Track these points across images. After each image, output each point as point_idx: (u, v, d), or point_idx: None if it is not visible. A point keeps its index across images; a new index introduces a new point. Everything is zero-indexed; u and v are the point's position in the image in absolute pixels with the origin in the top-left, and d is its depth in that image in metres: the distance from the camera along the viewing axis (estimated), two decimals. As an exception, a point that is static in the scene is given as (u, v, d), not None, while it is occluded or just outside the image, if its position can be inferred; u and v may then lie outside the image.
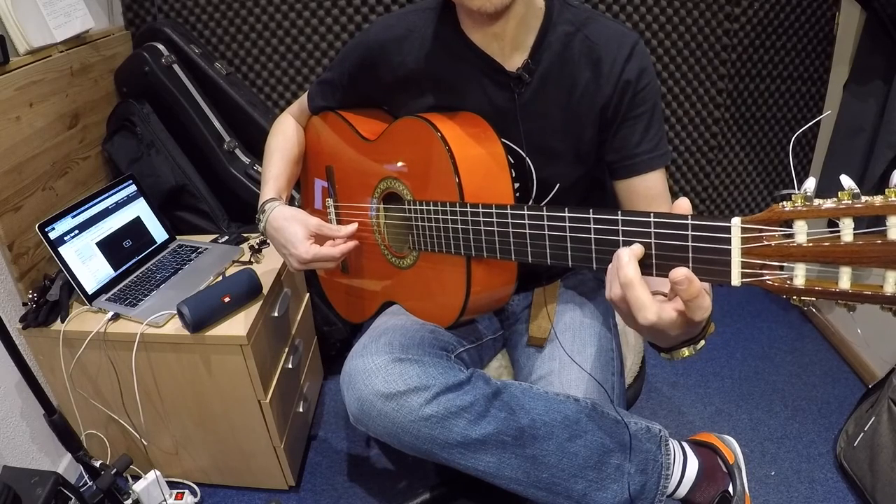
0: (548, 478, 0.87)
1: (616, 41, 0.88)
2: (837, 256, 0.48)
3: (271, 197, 1.05)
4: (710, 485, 0.95)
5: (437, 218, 0.88)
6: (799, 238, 0.50)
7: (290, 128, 1.16)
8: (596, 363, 0.97)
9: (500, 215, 0.80)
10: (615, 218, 0.65)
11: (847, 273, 0.48)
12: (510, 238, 0.80)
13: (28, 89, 1.31)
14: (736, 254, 0.54)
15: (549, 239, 0.75)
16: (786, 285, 0.52)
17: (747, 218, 0.53)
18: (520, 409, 0.87)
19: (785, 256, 0.51)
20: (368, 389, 0.87)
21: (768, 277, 0.53)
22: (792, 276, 0.51)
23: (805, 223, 0.49)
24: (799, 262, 0.50)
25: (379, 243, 1.05)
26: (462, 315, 0.93)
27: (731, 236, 0.54)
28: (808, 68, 1.83)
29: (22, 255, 1.28)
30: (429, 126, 0.89)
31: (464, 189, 0.85)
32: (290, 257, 1.00)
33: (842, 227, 0.47)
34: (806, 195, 0.50)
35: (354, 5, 1.74)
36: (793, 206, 0.50)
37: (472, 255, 0.86)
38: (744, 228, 0.53)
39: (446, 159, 0.86)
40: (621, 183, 0.95)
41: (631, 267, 0.60)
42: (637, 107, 0.90)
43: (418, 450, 0.88)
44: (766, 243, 0.52)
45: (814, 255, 0.49)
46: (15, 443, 1.29)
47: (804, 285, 0.50)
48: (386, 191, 1.01)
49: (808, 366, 1.75)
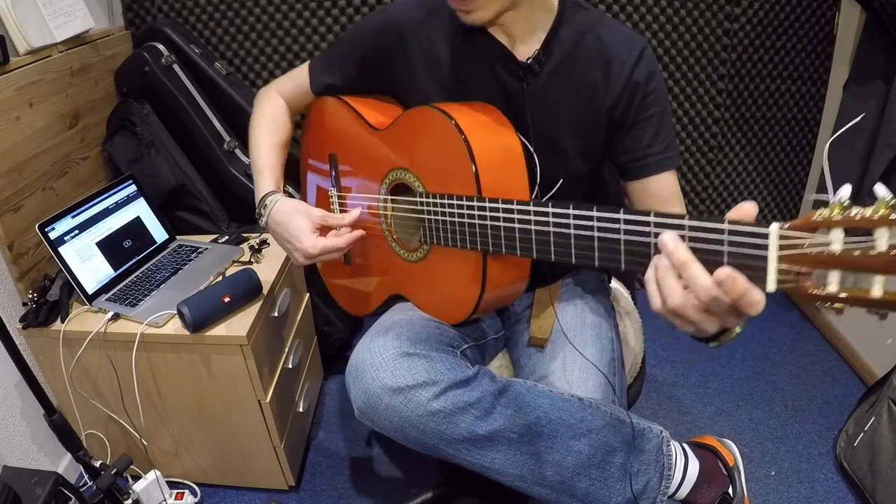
0: (552, 475, 0.87)
1: (627, 44, 0.90)
2: (871, 265, 0.49)
3: (271, 189, 1.02)
4: (711, 486, 0.95)
5: (453, 213, 0.86)
6: (834, 246, 0.51)
7: (278, 108, 1.11)
8: (597, 362, 0.97)
9: (522, 212, 0.77)
10: (647, 219, 0.64)
11: (880, 282, 0.48)
12: (532, 236, 0.77)
13: (28, 89, 1.31)
14: (773, 260, 0.55)
15: (575, 238, 0.73)
16: (820, 292, 0.52)
17: (785, 225, 0.53)
18: (526, 407, 0.87)
19: (820, 264, 0.52)
20: (376, 383, 0.86)
21: (802, 283, 0.53)
22: (826, 283, 0.52)
23: (841, 231, 0.50)
24: (833, 270, 0.51)
25: (387, 236, 1.02)
26: (475, 312, 0.91)
27: (768, 243, 0.55)
28: (808, 68, 1.84)
29: (22, 255, 1.28)
30: (444, 117, 0.86)
31: (482, 183, 0.83)
32: (295, 252, 0.98)
33: (876, 238, 0.48)
34: (843, 204, 0.50)
35: (354, 5, 1.74)
36: (830, 215, 0.51)
37: (489, 251, 0.84)
38: (782, 236, 0.54)
39: (463, 152, 0.83)
40: (634, 184, 0.95)
41: (681, 247, 0.59)
42: (647, 109, 0.91)
43: (424, 445, 0.87)
44: (803, 251, 0.53)
45: (848, 263, 0.50)
46: (15, 443, 1.28)
47: (837, 292, 0.51)
48: (395, 182, 0.98)
49: (808, 366, 1.75)
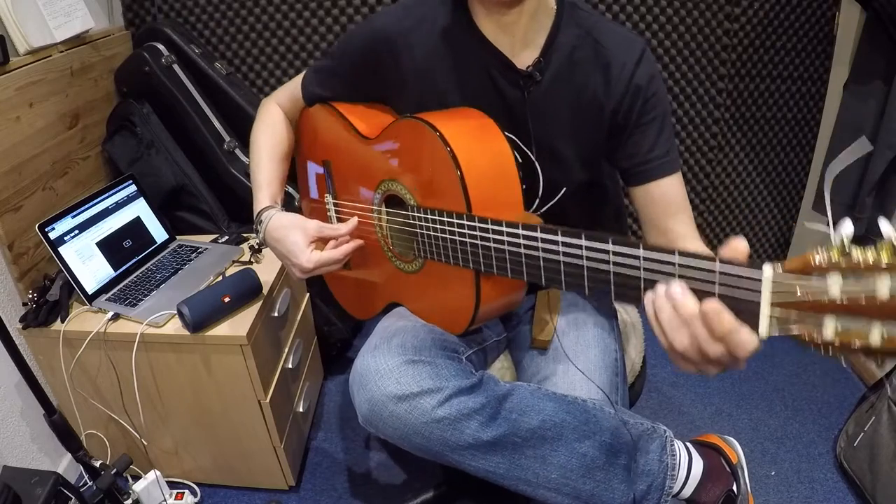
0: (557, 478, 0.86)
1: (626, 46, 0.88)
2: (872, 313, 0.46)
3: (267, 205, 1.02)
4: (715, 484, 0.95)
5: (444, 229, 0.85)
6: (833, 292, 0.47)
7: (278, 121, 1.11)
8: (599, 364, 0.96)
9: (511, 234, 0.76)
10: (636, 253, 0.63)
11: (878, 328, 0.46)
12: (522, 259, 0.76)
13: (28, 89, 1.31)
14: (766, 306, 0.52)
15: (565, 265, 0.72)
16: (815, 338, 0.49)
17: (779, 268, 0.50)
18: (530, 411, 0.87)
19: (817, 310, 0.49)
20: (380, 391, 0.85)
21: (796, 330, 0.50)
22: (822, 328, 0.49)
23: (839, 276, 0.47)
24: (829, 315, 0.48)
25: (383, 246, 1.02)
26: (471, 325, 0.91)
27: (761, 289, 0.52)
28: (808, 68, 1.83)
29: (22, 255, 1.28)
30: (429, 129, 0.83)
31: (471, 199, 0.81)
32: (292, 267, 0.98)
33: (878, 283, 0.45)
34: (843, 246, 0.47)
35: (354, 5, 1.74)
36: (829, 260, 0.47)
37: (481, 271, 0.83)
38: (775, 283, 0.51)
39: (451, 169, 0.81)
40: (638, 190, 0.94)
41: (689, 298, 0.57)
42: (648, 112, 0.90)
43: (429, 452, 0.87)
44: (799, 297, 0.49)
45: (847, 310, 0.47)
46: (15, 443, 1.28)
47: (833, 339, 0.48)
48: (388, 192, 0.97)
49: (808, 366, 1.75)
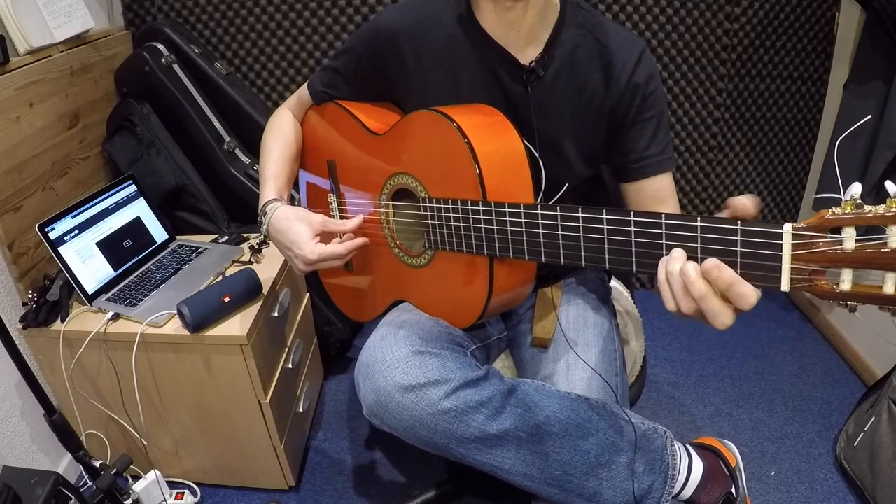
0: (560, 475, 0.87)
1: (626, 46, 0.90)
2: (884, 262, 0.49)
3: (272, 197, 1.03)
4: (715, 486, 0.96)
5: (458, 217, 0.85)
6: (847, 244, 0.51)
7: (287, 124, 1.13)
8: (600, 363, 0.97)
9: (530, 215, 0.77)
10: (658, 221, 0.65)
11: (892, 279, 0.49)
12: (540, 239, 0.77)
13: (28, 89, 1.31)
14: (786, 260, 0.55)
15: (584, 241, 0.72)
16: (833, 290, 0.53)
17: (798, 224, 0.54)
18: (535, 406, 0.87)
19: (833, 262, 0.53)
20: (387, 381, 0.85)
21: (816, 282, 0.54)
22: (839, 281, 0.53)
23: (853, 229, 0.51)
24: (846, 268, 0.52)
25: (389, 242, 1.01)
26: (482, 317, 0.91)
27: (782, 243, 0.55)
28: (808, 68, 1.84)
29: (22, 255, 1.28)
30: (446, 120, 0.84)
31: (486, 187, 0.81)
32: (295, 259, 0.98)
33: (888, 234, 0.49)
34: (855, 202, 0.51)
35: (354, 5, 1.74)
36: (842, 213, 0.51)
37: (496, 256, 0.84)
38: (794, 235, 0.54)
39: (466, 155, 0.82)
40: (630, 185, 0.96)
41: (701, 281, 0.61)
42: (646, 111, 0.91)
43: (434, 444, 0.87)
44: (817, 250, 0.53)
45: (861, 260, 0.51)
46: (15, 443, 1.28)
47: (851, 290, 0.52)
48: (396, 187, 0.97)
49: (808, 366, 1.75)
